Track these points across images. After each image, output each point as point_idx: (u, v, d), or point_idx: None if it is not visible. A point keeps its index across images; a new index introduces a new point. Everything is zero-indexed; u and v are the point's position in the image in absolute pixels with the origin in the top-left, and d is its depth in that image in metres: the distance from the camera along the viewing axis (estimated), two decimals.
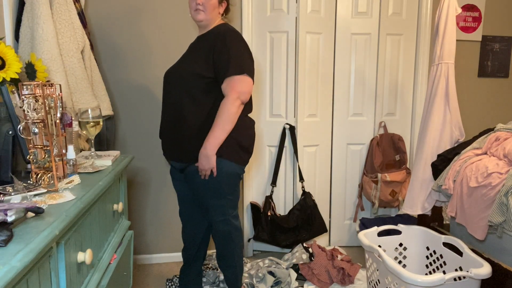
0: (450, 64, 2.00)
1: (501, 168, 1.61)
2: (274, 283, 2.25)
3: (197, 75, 1.69)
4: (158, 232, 2.62)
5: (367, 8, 2.65)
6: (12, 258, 0.69)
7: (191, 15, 1.80)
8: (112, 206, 1.46)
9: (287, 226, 2.52)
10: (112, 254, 1.38)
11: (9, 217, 0.81)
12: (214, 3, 1.76)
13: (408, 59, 2.76)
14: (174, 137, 1.78)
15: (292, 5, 2.52)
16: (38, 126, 1.14)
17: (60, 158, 1.21)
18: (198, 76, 1.69)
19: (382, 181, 2.61)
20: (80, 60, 1.82)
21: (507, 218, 1.49)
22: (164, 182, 2.58)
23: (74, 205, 1.00)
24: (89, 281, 1.14)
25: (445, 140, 2.03)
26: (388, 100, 2.77)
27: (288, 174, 2.71)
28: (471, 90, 3.00)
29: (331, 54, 2.67)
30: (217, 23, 1.82)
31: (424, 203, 2.05)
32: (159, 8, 2.41)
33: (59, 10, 1.74)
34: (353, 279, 2.29)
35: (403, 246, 2.01)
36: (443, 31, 1.99)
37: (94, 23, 2.35)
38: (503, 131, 1.83)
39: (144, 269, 2.55)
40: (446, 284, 1.50)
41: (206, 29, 1.81)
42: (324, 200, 2.80)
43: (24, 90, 1.12)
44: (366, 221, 2.71)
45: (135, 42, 2.41)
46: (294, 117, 2.64)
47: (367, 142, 2.78)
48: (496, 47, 2.98)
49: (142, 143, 2.52)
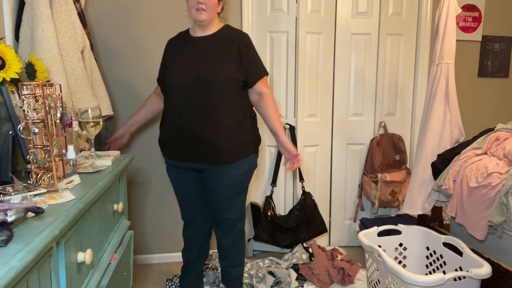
0: (450, 64, 2.00)
1: (501, 168, 1.61)
2: (274, 283, 2.25)
3: (231, 79, 1.73)
4: (158, 232, 2.62)
5: (367, 8, 2.65)
6: (12, 258, 0.69)
7: (192, 15, 1.74)
8: (112, 206, 1.46)
9: (287, 226, 2.52)
10: (112, 254, 1.38)
11: (9, 217, 0.81)
12: (215, 2, 1.74)
13: (408, 59, 2.76)
14: (203, 139, 1.74)
15: (292, 5, 2.52)
16: (38, 126, 1.14)
17: (60, 158, 1.21)
18: (233, 80, 1.74)
19: (382, 181, 2.61)
20: (80, 60, 1.82)
21: (507, 218, 1.49)
22: (164, 182, 2.58)
23: (74, 205, 1.00)
24: (89, 281, 1.14)
25: (445, 140, 2.03)
26: (388, 100, 2.77)
27: (288, 174, 2.71)
28: (471, 90, 3.00)
29: (331, 54, 2.67)
30: (217, 23, 1.82)
31: (424, 203, 2.05)
32: (159, 8, 2.41)
33: (59, 10, 1.74)
34: (353, 279, 2.29)
35: (403, 246, 2.01)
36: (443, 31, 1.99)
37: (94, 23, 2.35)
38: (503, 131, 1.83)
39: (144, 269, 2.55)
40: (446, 284, 1.50)
41: (207, 29, 1.79)
42: (324, 200, 2.80)
43: (24, 90, 1.12)
44: (366, 221, 2.71)
45: (135, 42, 2.41)
46: (294, 117, 2.64)
47: (367, 142, 2.78)
48: (496, 47, 2.98)
49: (142, 143, 2.52)
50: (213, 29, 1.80)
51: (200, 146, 1.75)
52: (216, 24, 1.82)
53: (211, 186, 1.84)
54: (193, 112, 1.74)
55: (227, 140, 1.75)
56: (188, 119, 1.75)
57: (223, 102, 1.73)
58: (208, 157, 1.76)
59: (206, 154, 1.76)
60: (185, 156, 1.81)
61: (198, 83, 1.72)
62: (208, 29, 1.80)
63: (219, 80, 1.71)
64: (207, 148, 1.75)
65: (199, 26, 1.79)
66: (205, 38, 1.79)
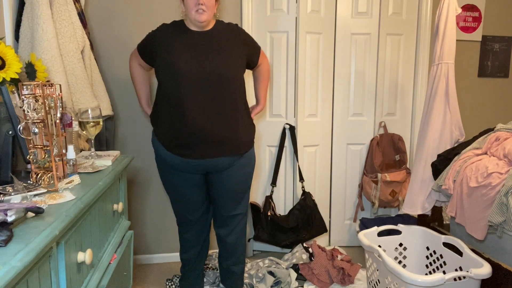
0: (450, 64, 2.00)
1: (501, 168, 1.61)
2: (274, 283, 2.25)
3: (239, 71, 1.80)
4: (158, 232, 2.62)
5: (367, 8, 2.65)
6: (12, 258, 0.69)
7: (192, 16, 1.70)
8: (112, 206, 1.46)
9: (287, 226, 2.51)
10: (112, 254, 1.38)
11: (9, 217, 0.81)
12: (213, 2, 1.73)
13: (408, 59, 2.76)
14: (226, 134, 1.74)
15: (292, 5, 2.52)
16: (38, 126, 1.14)
17: (60, 158, 1.21)
18: (241, 72, 1.81)
19: (382, 181, 2.61)
20: (80, 60, 1.82)
21: (507, 218, 1.49)
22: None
23: (74, 205, 1.00)
24: (89, 281, 1.14)
25: (445, 140, 2.03)
26: (388, 100, 2.77)
27: (288, 174, 2.71)
28: (471, 90, 3.00)
29: (331, 54, 2.67)
30: (212, 21, 1.82)
31: (424, 203, 2.05)
32: (159, 8, 2.41)
33: (59, 10, 1.74)
34: (353, 279, 2.29)
35: (403, 246, 2.01)
36: (443, 31, 1.99)
37: (94, 23, 2.35)
38: (503, 131, 1.83)
39: (144, 269, 2.55)
40: (446, 284, 1.50)
41: (204, 27, 1.78)
42: (324, 200, 2.80)
43: (24, 90, 1.12)
44: (366, 221, 2.71)
45: (135, 42, 2.40)
46: (294, 117, 2.64)
47: (367, 142, 2.78)
48: (496, 47, 2.98)
49: (142, 143, 2.52)
50: (209, 25, 1.80)
51: (220, 141, 1.74)
52: (212, 22, 1.81)
53: (222, 186, 1.86)
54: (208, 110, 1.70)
55: (244, 132, 1.83)
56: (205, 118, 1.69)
57: (235, 96, 1.76)
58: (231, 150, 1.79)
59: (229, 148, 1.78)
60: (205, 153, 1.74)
61: (211, 78, 1.69)
62: (204, 28, 1.79)
63: (231, 74, 1.74)
64: (229, 142, 1.77)
65: (197, 26, 1.76)
66: (204, 33, 1.77)
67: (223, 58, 1.74)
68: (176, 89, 1.69)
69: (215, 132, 1.72)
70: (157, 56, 1.75)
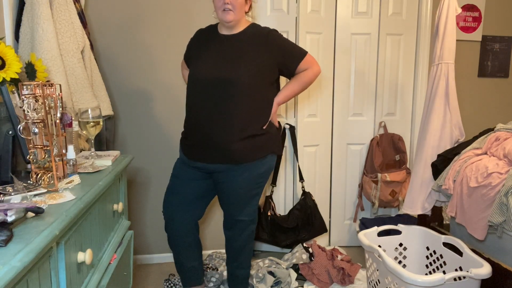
0: (450, 64, 2.00)
1: (501, 168, 1.61)
2: (274, 283, 2.25)
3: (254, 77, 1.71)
4: (158, 232, 2.62)
5: (367, 8, 2.65)
6: (12, 258, 0.69)
7: (219, 16, 1.71)
8: (112, 206, 1.46)
9: (287, 226, 2.51)
10: (112, 254, 1.38)
11: (9, 217, 0.81)
12: (242, 1, 1.71)
13: (408, 59, 2.76)
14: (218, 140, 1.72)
15: (292, 5, 2.52)
16: (38, 126, 1.14)
17: (60, 158, 1.21)
18: (256, 78, 1.72)
19: (382, 181, 2.61)
20: (80, 60, 1.82)
21: (507, 218, 1.49)
22: (164, 182, 2.57)
23: (74, 205, 1.00)
24: (89, 281, 1.14)
25: (445, 140, 2.03)
26: (388, 100, 2.77)
27: (288, 174, 2.71)
28: (471, 90, 3.00)
29: (331, 54, 2.67)
30: (245, 22, 1.80)
31: (424, 203, 2.05)
32: (159, 8, 2.41)
33: (59, 10, 1.74)
34: (353, 279, 2.29)
35: (403, 246, 2.01)
36: (443, 31, 1.99)
37: (94, 23, 2.35)
38: (503, 131, 1.83)
39: (144, 269, 2.55)
40: (446, 284, 1.50)
41: (234, 28, 1.77)
42: (324, 200, 2.80)
43: (24, 90, 1.12)
44: (366, 221, 2.71)
45: (135, 42, 2.41)
46: (294, 117, 2.64)
47: (367, 142, 2.78)
48: (496, 47, 2.98)
49: (142, 143, 2.52)
50: (240, 28, 1.77)
51: (213, 146, 1.73)
52: (243, 23, 1.79)
53: (224, 188, 1.82)
54: (209, 112, 1.71)
55: (261, 137, 1.77)
56: (204, 119, 1.72)
57: (242, 103, 1.70)
58: (220, 158, 1.75)
59: (219, 156, 1.74)
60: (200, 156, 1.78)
61: (219, 83, 1.69)
62: (234, 29, 1.77)
63: (241, 80, 1.68)
64: (221, 149, 1.73)
65: (226, 27, 1.76)
66: (231, 36, 1.77)
67: (238, 64, 1.70)
68: (189, 91, 1.80)
69: (210, 137, 1.73)
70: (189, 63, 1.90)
